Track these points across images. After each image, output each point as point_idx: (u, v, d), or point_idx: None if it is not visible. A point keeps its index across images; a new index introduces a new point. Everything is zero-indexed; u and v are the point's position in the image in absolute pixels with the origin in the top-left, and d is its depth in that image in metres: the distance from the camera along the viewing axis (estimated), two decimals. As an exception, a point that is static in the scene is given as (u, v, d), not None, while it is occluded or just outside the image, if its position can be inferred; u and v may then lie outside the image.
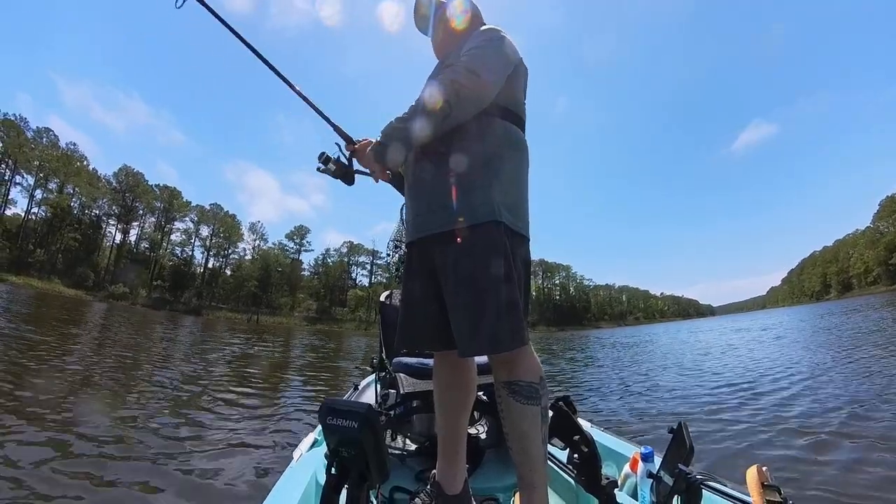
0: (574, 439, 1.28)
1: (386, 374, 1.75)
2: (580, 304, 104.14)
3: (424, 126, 1.08)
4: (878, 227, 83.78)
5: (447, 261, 1.09)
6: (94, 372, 5.45)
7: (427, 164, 1.17)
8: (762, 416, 3.67)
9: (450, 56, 1.25)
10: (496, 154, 1.13)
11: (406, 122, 1.10)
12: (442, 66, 1.29)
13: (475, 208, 1.08)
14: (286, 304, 65.66)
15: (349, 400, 1.59)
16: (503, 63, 1.14)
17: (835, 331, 12.75)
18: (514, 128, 1.20)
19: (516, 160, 1.19)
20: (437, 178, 1.14)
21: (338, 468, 0.88)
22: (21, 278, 41.76)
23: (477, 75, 1.07)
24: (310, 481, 1.30)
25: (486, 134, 1.13)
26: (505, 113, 1.17)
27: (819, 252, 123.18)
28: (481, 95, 1.09)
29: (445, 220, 1.10)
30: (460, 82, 1.06)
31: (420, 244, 1.18)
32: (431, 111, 1.06)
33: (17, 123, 50.03)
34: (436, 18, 1.35)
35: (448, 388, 1.22)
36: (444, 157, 1.13)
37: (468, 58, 1.10)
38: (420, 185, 1.19)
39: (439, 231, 1.11)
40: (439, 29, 1.35)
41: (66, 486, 2.17)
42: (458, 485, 1.20)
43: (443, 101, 1.06)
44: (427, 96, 1.08)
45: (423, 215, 1.16)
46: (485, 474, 1.47)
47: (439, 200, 1.12)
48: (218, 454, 2.91)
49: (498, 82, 1.12)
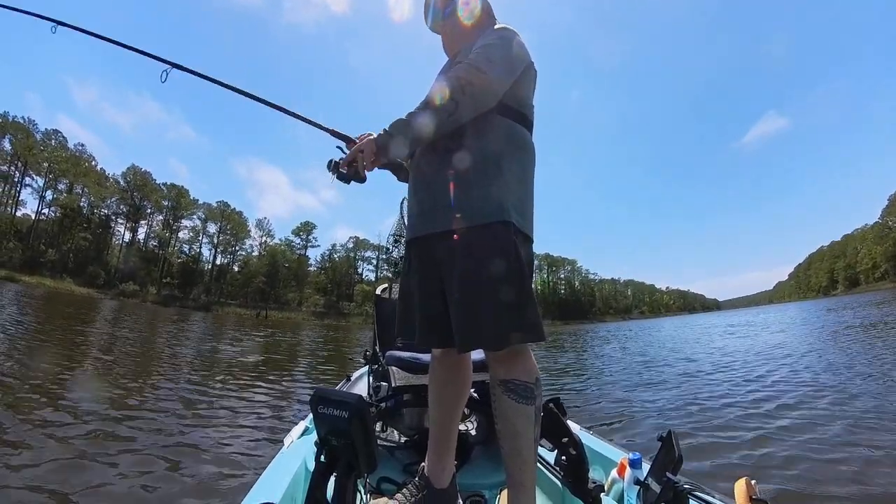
0: (563, 441, 1.29)
1: (378, 366, 1.77)
2: (585, 297, 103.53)
3: (431, 122, 1.07)
4: (886, 223, 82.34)
5: (454, 259, 1.08)
6: (111, 363, 5.61)
7: (433, 161, 1.16)
8: (752, 424, 3.52)
9: (460, 53, 1.24)
10: (503, 153, 1.12)
11: (414, 117, 1.09)
12: (452, 62, 1.28)
13: (484, 208, 1.07)
14: (294, 300, 66.05)
15: (341, 390, 1.63)
16: (512, 62, 1.13)
17: (836, 327, 12.54)
18: (521, 128, 1.19)
19: (523, 160, 1.18)
20: (442, 176, 1.13)
21: (327, 456, 0.91)
22: (34, 278, 42.43)
23: (484, 73, 1.06)
24: (299, 468, 1.32)
25: (493, 133, 1.12)
26: (512, 113, 1.16)
27: (827, 247, 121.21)
28: (488, 93, 1.08)
29: (452, 218, 1.09)
30: (467, 79, 1.05)
31: (423, 241, 1.17)
32: (438, 107, 1.06)
33: (26, 126, 50.64)
34: (446, 14, 1.33)
35: (443, 384, 1.23)
36: (451, 155, 1.11)
37: (477, 55, 1.10)
38: (425, 182, 1.18)
39: (445, 230, 1.10)
40: (449, 25, 1.33)
41: (56, 469, 2.28)
42: (446, 479, 1.21)
43: (449, 97, 1.05)
44: (434, 93, 1.07)
45: (428, 213, 1.16)
46: (472, 471, 1.47)
47: (445, 198, 1.11)
48: (211, 439, 3.03)
49: (506, 81, 1.11)
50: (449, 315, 1.09)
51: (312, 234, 72.19)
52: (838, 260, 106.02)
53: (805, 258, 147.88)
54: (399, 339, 1.76)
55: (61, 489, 2.05)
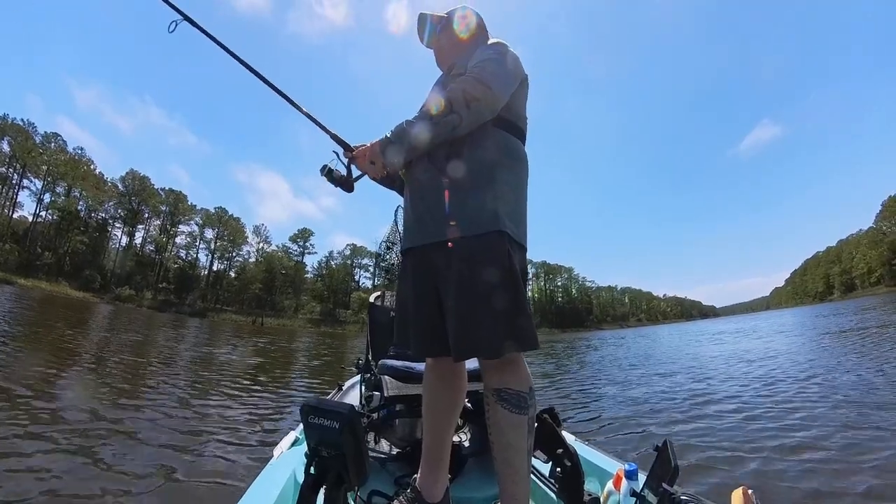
0: (557, 452, 1.27)
1: (371, 375, 1.74)
2: (582, 305, 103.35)
3: (433, 133, 1.09)
4: (880, 228, 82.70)
5: (450, 268, 1.09)
6: (102, 368, 5.55)
7: (428, 170, 1.17)
8: (751, 434, 3.46)
9: (455, 66, 1.27)
10: (498, 163, 1.14)
11: (415, 126, 1.11)
12: (448, 75, 1.30)
13: (479, 217, 1.08)
14: (290, 307, 65.74)
15: (332, 400, 1.60)
16: (512, 76, 1.17)
17: (827, 333, 12.57)
18: (515, 139, 1.21)
19: (517, 170, 1.20)
20: (438, 185, 1.14)
21: (317, 468, 0.88)
22: (30, 281, 42.11)
23: (488, 87, 1.09)
24: (288, 479, 1.30)
25: (486, 143, 1.14)
26: (506, 124, 1.19)
27: (822, 252, 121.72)
28: (491, 107, 1.11)
29: (447, 227, 1.10)
30: (472, 94, 1.08)
31: (419, 251, 1.18)
32: (441, 120, 1.08)
33: (26, 128, 50.66)
34: (440, 28, 1.36)
35: (438, 393, 1.22)
36: (447, 164, 1.13)
37: (480, 69, 1.12)
38: (421, 191, 1.19)
39: (441, 239, 1.11)
40: (444, 39, 1.36)
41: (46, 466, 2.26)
42: (439, 493, 1.18)
43: (454, 111, 1.07)
44: (437, 104, 1.09)
45: (423, 223, 1.16)
46: (465, 483, 1.43)
47: (440, 208, 1.12)
48: (200, 448, 2.98)
49: (506, 95, 1.15)
50: (444, 324, 1.09)
51: (310, 241, 72.12)
52: (834, 265, 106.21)
53: (801, 264, 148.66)
54: (394, 347, 1.76)
55: (42, 500, 2.01)
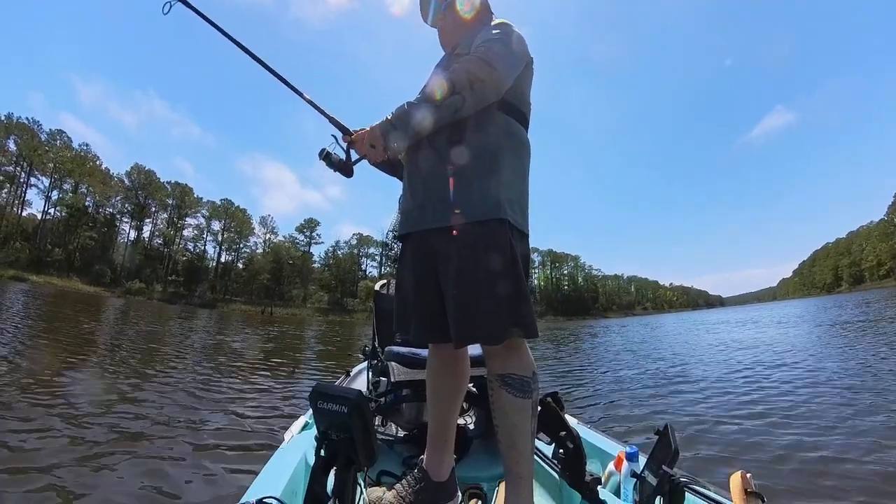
0: (560, 435, 1.29)
1: (378, 362, 1.78)
2: (588, 294, 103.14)
3: (435, 115, 1.05)
4: (892, 220, 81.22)
5: (450, 255, 1.07)
6: (118, 357, 5.69)
7: (429, 155, 1.14)
8: (748, 420, 3.50)
9: (458, 47, 1.23)
10: (501, 148, 1.11)
11: (417, 108, 1.06)
12: (451, 56, 1.27)
13: (481, 204, 1.06)
14: (298, 296, 66.42)
15: (341, 386, 1.64)
16: (517, 58, 1.13)
17: (834, 324, 12.47)
18: (517, 123, 1.18)
19: (520, 155, 1.17)
20: (440, 170, 1.11)
21: (327, 451, 0.92)
22: (42, 277, 42.88)
23: (493, 68, 1.04)
24: (299, 462, 1.34)
25: (489, 127, 1.11)
26: (509, 108, 1.15)
27: (832, 244, 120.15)
28: (496, 89, 1.07)
29: (448, 214, 1.08)
30: (476, 74, 1.03)
31: (418, 236, 1.16)
32: (444, 102, 1.04)
33: (31, 127, 51.00)
34: (444, 6, 1.31)
35: (440, 378, 1.23)
36: (449, 149, 1.10)
37: (484, 49, 1.08)
38: (420, 176, 1.17)
39: (441, 226, 1.09)
40: (448, 18, 1.31)
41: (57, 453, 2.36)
42: (445, 472, 1.21)
43: (457, 92, 1.03)
44: (438, 85, 1.05)
45: (423, 208, 1.14)
46: (471, 464, 1.48)
47: (442, 193, 1.10)
48: (212, 434, 3.08)
49: (511, 76, 1.11)
50: (445, 310, 1.09)
51: (316, 231, 72.44)
52: (843, 257, 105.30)
53: (810, 255, 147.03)
54: (398, 334, 1.79)
55: (61, 483, 2.09)
